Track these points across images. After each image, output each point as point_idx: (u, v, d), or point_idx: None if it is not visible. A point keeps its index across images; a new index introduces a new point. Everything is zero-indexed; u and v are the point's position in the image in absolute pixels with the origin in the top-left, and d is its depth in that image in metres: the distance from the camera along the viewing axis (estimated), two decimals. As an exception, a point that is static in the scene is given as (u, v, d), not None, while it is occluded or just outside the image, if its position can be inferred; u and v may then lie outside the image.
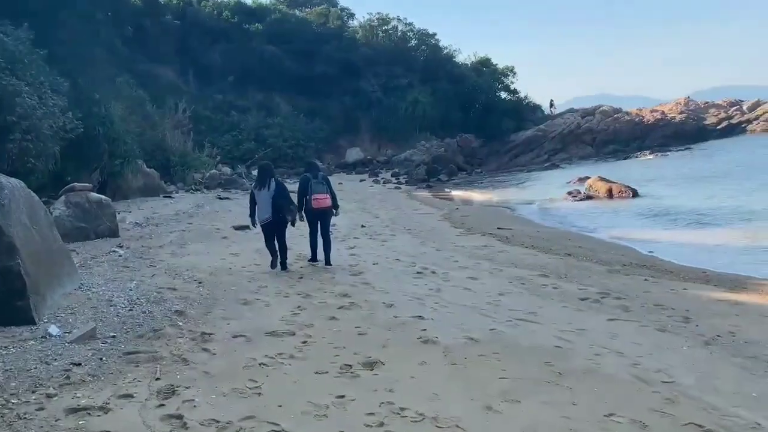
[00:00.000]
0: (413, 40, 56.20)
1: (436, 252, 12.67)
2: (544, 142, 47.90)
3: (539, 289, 8.96)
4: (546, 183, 30.87)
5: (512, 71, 57.51)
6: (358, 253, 12.35)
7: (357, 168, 44.51)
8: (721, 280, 9.43)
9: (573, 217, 18.98)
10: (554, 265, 10.87)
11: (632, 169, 31.45)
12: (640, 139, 48.14)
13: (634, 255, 12.17)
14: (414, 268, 10.74)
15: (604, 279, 9.64)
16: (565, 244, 13.60)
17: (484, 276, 9.95)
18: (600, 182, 23.23)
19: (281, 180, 11.62)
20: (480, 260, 11.57)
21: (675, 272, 10.18)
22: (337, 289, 8.98)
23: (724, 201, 18.97)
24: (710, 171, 27.53)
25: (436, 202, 25.77)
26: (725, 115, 53.28)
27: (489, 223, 18.42)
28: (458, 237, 15.17)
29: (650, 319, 7.09)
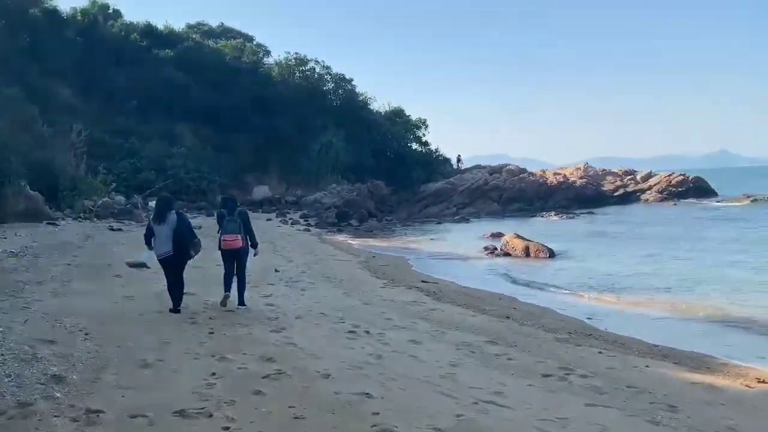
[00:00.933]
0: (330, 83, 55.70)
1: (365, 306, 11.40)
2: (453, 195, 48.10)
3: (493, 359, 7.87)
4: (459, 236, 30.43)
5: (424, 123, 58.18)
6: (277, 303, 10.86)
7: (264, 206, 42.61)
8: (678, 357, 8.75)
9: (494, 274, 18.30)
10: (497, 330, 9.88)
11: (541, 228, 31.67)
12: (543, 200, 49.39)
13: (574, 321, 11.42)
14: (344, 326, 9.41)
15: (557, 350, 8.72)
16: (498, 305, 12.74)
17: (426, 340, 8.76)
18: (517, 240, 22.91)
19: (182, 213, 10.48)
20: (415, 319, 10.40)
21: (626, 345, 9.44)
22: (258, 349, 7.47)
23: (640, 267, 18.96)
24: (620, 235, 28.06)
25: (350, 248, 24.55)
26: (621, 183, 56.07)
27: (410, 274, 17.42)
28: (383, 289, 13.99)
29: (634, 406, 6.13)
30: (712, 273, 16.98)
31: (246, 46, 57.14)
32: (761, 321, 11.30)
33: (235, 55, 54.37)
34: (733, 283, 15.25)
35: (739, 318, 11.64)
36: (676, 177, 55.76)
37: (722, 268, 17.68)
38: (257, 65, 55.44)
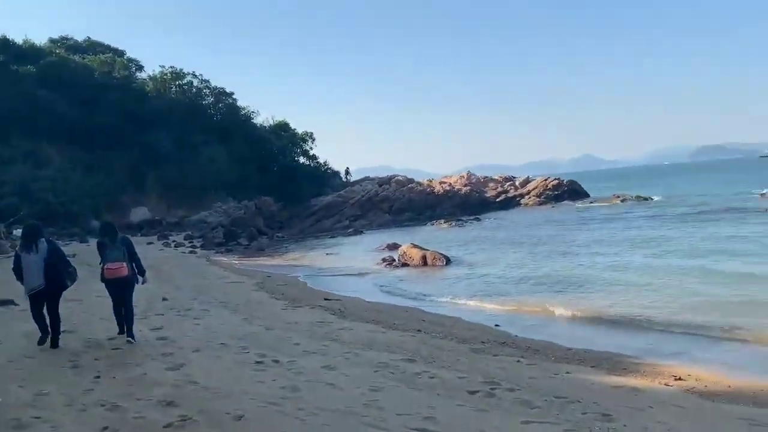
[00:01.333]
0: (210, 97, 53.75)
1: (268, 332, 10.62)
2: (344, 207, 47.78)
3: (414, 379, 7.43)
4: (354, 249, 30.06)
5: (311, 137, 57.61)
6: (169, 336, 9.85)
7: (143, 229, 40.15)
8: (593, 360, 8.76)
9: (396, 286, 18.01)
10: (412, 346, 9.48)
11: (433, 237, 31.97)
12: (432, 208, 50.21)
13: (484, 329, 11.29)
14: (249, 356, 8.63)
15: (477, 362, 8.44)
16: (407, 318, 12.40)
17: (341, 364, 8.17)
18: (414, 249, 22.84)
19: (53, 240, 9.74)
20: (325, 341, 9.78)
21: (540, 351, 9.36)
22: (156, 392, 6.58)
23: (531, 270, 19.38)
24: (508, 240, 28.83)
25: (242, 269, 23.44)
26: (502, 189, 58.23)
27: (311, 293, 16.74)
28: (285, 311, 13.23)
29: (568, 419, 5.89)
30: (599, 273, 17.56)
31: (116, 60, 53.95)
32: (652, 319, 11.62)
33: (105, 70, 51.15)
34: (618, 282, 15.77)
35: (629, 316, 11.92)
36: (552, 181, 58.71)
37: (607, 269, 18.39)
38: (129, 80, 52.50)
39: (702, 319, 10.94)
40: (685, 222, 30.13)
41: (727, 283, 14.07)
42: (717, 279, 14.77)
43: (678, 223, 30.14)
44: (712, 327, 10.44)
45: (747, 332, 10.00)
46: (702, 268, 16.38)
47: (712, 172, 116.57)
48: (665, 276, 15.65)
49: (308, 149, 57.52)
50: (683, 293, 13.38)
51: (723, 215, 31.50)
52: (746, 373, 7.87)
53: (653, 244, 22.54)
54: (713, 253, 18.97)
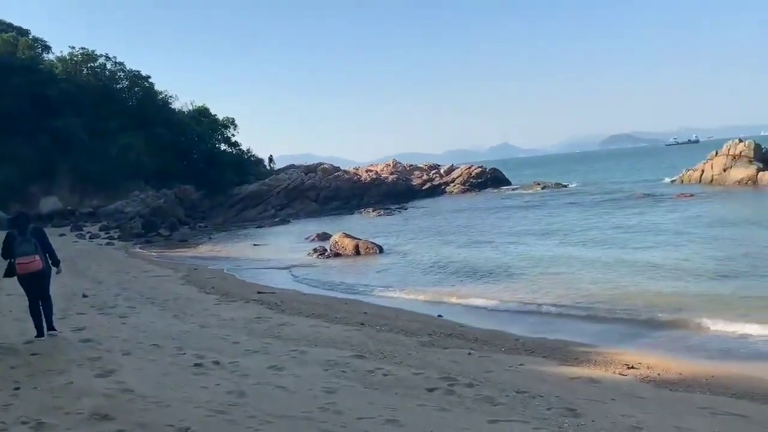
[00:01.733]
0: (124, 80, 51.10)
1: (203, 330, 9.99)
2: (269, 196, 46.71)
3: (368, 378, 7.08)
4: (283, 239, 29.34)
5: (233, 123, 55.93)
6: (95, 338, 9.08)
7: (54, 220, 37.89)
8: (543, 349, 8.68)
9: (332, 277, 17.58)
10: (359, 340, 9.12)
11: (362, 226, 31.69)
12: (359, 197, 49.93)
13: (428, 321, 11.07)
14: (186, 357, 8.03)
15: (428, 356, 8.18)
16: (348, 311, 12.02)
17: (288, 364, 7.71)
18: (346, 239, 22.44)
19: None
20: (266, 339, 9.28)
21: (489, 341, 9.21)
22: (86, 404, 5.93)
23: (462, 257, 19.38)
24: (437, 227, 28.91)
25: (166, 262, 22.35)
26: (427, 177, 58.67)
27: (243, 286, 16.08)
28: (218, 306, 12.56)
29: (534, 415, 5.70)
30: (528, 262, 17.68)
31: (20, 40, 50.36)
32: (589, 307, 11.70)
33: (8, 50, 47.63)
34: (548, 270, 15.90)
35: (565, 305, 11.98)
36: (476, 169, 59.65)
37: (536, 257, 18.64)
38: (36, 61, 49.14)
39: (635, 307, 11.09)
40: (604, 209, 31.16)
41: (647, 270, 14.43)
42: (638, 266, 15.08)
43: (597, 209, 31.17)
44: (647, 314, 10.60)
45: (678, 318, 10.22)
46: (623, 256, 16.79)
47: (622, 160, 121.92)
48: (590, 264, 15.93)
49: (230, 136, 55.92)
50: (610, 281, 13.58)
51: (638, 201, 32.80)
52: (691, 358, 8.00)
53: (576, 232, 23.09)
54: (632, 241, 19.56)
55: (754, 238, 17.86)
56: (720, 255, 15.49)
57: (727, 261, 14.55)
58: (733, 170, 38.33)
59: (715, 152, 41.39)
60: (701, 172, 41.35)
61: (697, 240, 18.45)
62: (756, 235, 18.57)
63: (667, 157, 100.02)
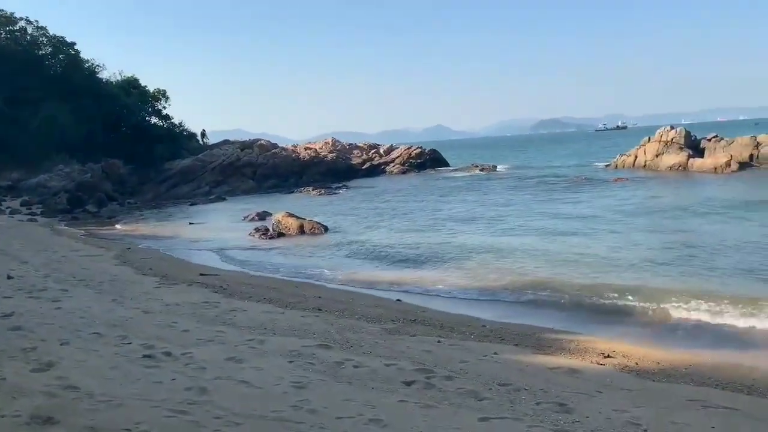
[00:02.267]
0: (47, 47, 47.87)
1: (147, 316, 9.22)
2: (203, 173, 45.06)
3: (339, 370, 6.59)
4: (221, 217, 28.25)
5: (164, 95, 53.52)
6: (26, 325, 8.19)
7: (-32, 194, 35.20)
8: (513, 336, 8.39)
9: (277, 258, 16.92)
10: (319, 328, 8.60)
11: (303, 205, 30.90)
12: (297, 175, 48.91)
13: (387, 306, 10.63)
14: (132, 347, 7.32)
15: (397, 345, 7.76)
16: (300, 295, 11.45)
17: (247, 355, 7.12)
18: (290, 218, 21.72)
19: None
20: (218, 326, 8.62)
21: (456, 328, 8.87)
22: (25, 405, 5.20)
23: (410, 238, 19.09)
24: (381, 207, 28.52)
25: (96, 240, 21.03)
26: (367, 156, 58.09)
27: (183, 267, 15.20)
28: (159, 290, 11.73)
29: (528, 412, 5.38)
30: (477, 244, 17.54)
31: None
32: (544, 290, 11.57)
33: None
34: (498, 252, 15.79)
35: (520, 288, 11.83)
36: (415, 150, 59.51)
37: (486, 239, 18.56)
38: (-54, 23, 45.44)
39: (594, 293, 10.99)
40: (545, 192, 31.54)
41: (599, 257, 14.46)
42: (588, 253, 15.07)
43: (538, 193, 31.51)
44: (607, 300, 10.52)
45: (639, 305, 10.15)
46: (571, 242, 16.84)
47: (554, 144, 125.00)
48: (541, 250, 15.79)
49: (161, 108, 53.55)
50: (564, 267, 13.46)
51: (578, 185, 33.39)
52: (663, 346, 7.89)
53: (522, 217, 23.14)
54: (579, 227, 19.71)
55: (693, 226, 18.28)
56: (664, 241, 15.74)
57: (671, 247, 14.75)
58: (665, 156, 39.60)
59: (647, 138, 42.63)
60: (635, 158, 42.54)
61: (642, 226, 18.76)
62: (693, 222, 19.00)
63: (597, 143, 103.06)
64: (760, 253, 13.25)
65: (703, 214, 19.91)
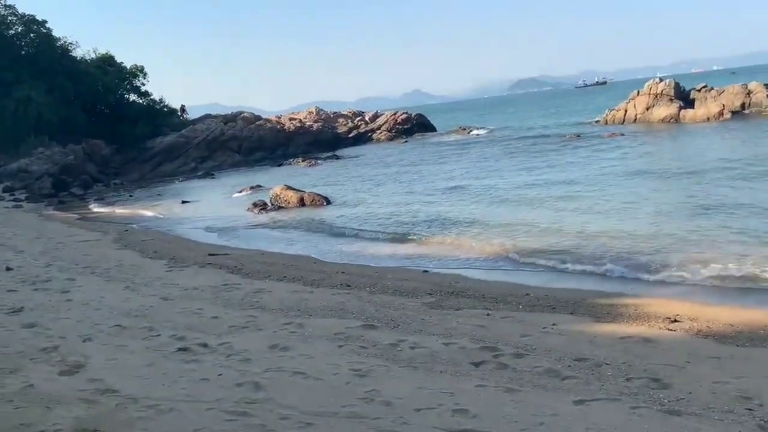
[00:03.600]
0: (17, 26, 45.89)
1: (168, 303, 8.63)
2: (188, 149, 43.92)
3: (396, 353, 6.08)
4: (214, 194, 27.40)
5: (142, 71, 51.77)
6: (40, 322, 7.59)
7: (-55, 182, 33.93)
8: (563, 304, 7.86)
9: (282, 233, 16.32)
10: (356, 306, 8.07)
11: (297, 177, 30.11)
12: (284, 146, 47.93)
13: (417, 277, 10.07)
14: (163, 340, 6.77)
15: (445, 321, 7.25)
16: (322, 271, 10.88)
17: (291, 341, 6.58)
18: (289, 191, 21.03)
19: None
20: (248, 310, 8.07)
21: (498, 298, 8.35)
22: (63, 415, 4.65)
23: (416, 206, 18.53)
24: (378, 175, 27.83)
25: (89, 224, 20.21)
26: (353, 124, 57.08)
27: (189, 247, 14.54)
28: (171, 273, 11.13)
29: (621, 390, 4.92)
30: (486, 207, 17.07)
31: None
32: (575, 251, 11.10)
33: None
34: (516, 215, 15.29)
35: (548, 250, 11.35)
36: (401, 115, 58.53)
37: (492, 202, 18.07)
38: None
39: (627, 252, 10.56)
40: (543, 150, 30.95)
41: (619, 213, 14.06)
42: (608, 210, 14.65)
43: (537, 152, 30.93)
44: (643, 259, 10.08)
45: (676, 261, 9.74)
46: (590, 199, 16.41)
47: (536, 103, 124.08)
48: (562, 209, 15.36)
49: (139, 85, 51.83)
50: (586, 226, 13.02)
51: (574, 142, 32.87)
52: (724, 305, 7.42)
53: (531, 176, 22.64)
54: (590, 183, 19.27)
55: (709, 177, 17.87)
56: (685, 195, 15.29)
57: (697, 200, 14.33)
58: (656, 109, 39.21)
59: (636, 92, 42.16)
60: (624, 112, 42.10)
61: (652, 180, 18.33)
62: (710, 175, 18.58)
63: (580, 99, 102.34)
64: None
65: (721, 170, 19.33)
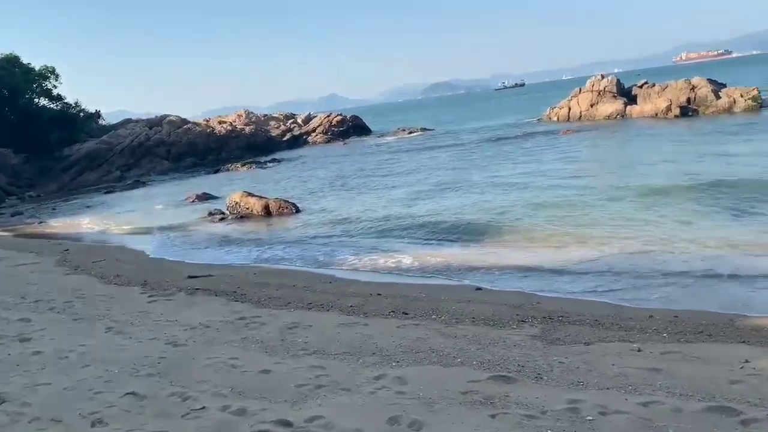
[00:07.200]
0: None
1: (180, 351, 6.47)
2: (111, 156, 40.16)
3: (582, 426, 4.23)
4: (152, 204, 24.37)
5: (53, 73, 47.17)
6: (10, 395, 5.27)
7: None
8: (714, 329, 6.26)
9: (257, 246, 14.05)
10: (450, 346, 6.12)
11: (241, 182, 27.62)
12: (216, 151, 44.84)
13: (476, 297, 8.25)
14: (211, 415, 4.66)
15: (592, 364, 5.45)
16: (349, 293, 8.86)
17: (411, 408, 4.62)
18: (251, 198, 18.68)
19: None
20: (303, 357, 6.01)
21: (616, 324, 6.63)
22: None
23: (396, 209, 16.75)
24: (331, 179, 25.75)
25: (20, 243, 17.12)
26: (286, 127, 54.55)
27: (157, 269, 12.10)
28: (155, 304, 8.82)
29: None
30: (485, 210, 15.46)
31: None
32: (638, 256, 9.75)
33: None
34: (506, 220, 13.84)
35: (604, 255, 9.96)
36: (336, 117, 56.51)
37: (485, 204, 16.58)
38: None
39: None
40: (515, 150, 29.72)
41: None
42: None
43: (506, 150, 29.79)
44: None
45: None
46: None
47: (455, 105, 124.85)
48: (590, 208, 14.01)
49: (51, 88, 47.23)
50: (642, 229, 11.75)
51: (533, 140, 31.96)
52: None
53: (508, 173, 21.36)
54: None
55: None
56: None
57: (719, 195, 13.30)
58: (601, 105, 39.14)
59: (578, 89, 42.10)
60: (568, 109, 41.92)
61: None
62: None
63: (503, 101, 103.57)
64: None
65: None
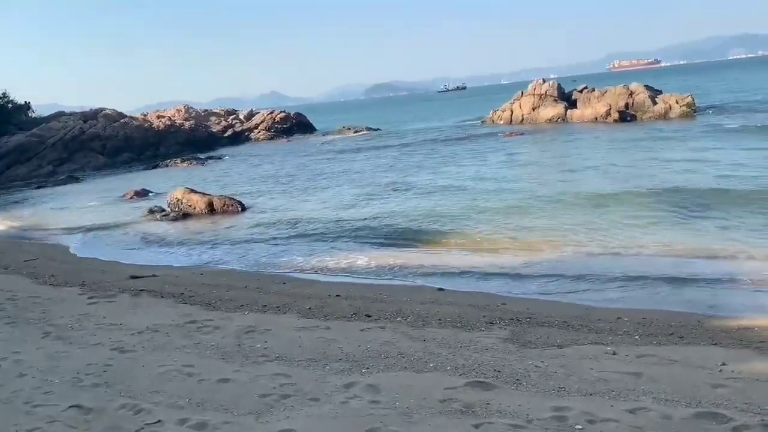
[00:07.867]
0: None
1: (128, 358, 6.00)
2: (42, 150, 38.14)
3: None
4: (88, 200, 23.18)
5: (-23, 60, 44.61)
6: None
7: None
8: (685, 331, 6.20)
9: (204, 246, 13.45)
10: (420, 349, 5.87)
11: (182, 178, 26.57)
12: (154, 147, 43.30)
13: (439, 297, 8.03)
14: (169, 429, 4.21)
15: (570, 368, 5.27)
16: (305, 295, 8.48)
17: (389, 420, 4.32)
18: (194, 195, 17.96)
19: None
20: (264, 364, 5.64)
21: (584, 326, 6.52)
22: None
23: (350, 210, 16.42)
24: (276, 177, 25.14)
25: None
26: (227, 123, 53.29)
27: (95, 268, 11.41)
28: (95, 306, 8.25)
29: None
30: (439, 208, 15.28)
31: None
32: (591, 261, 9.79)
33: None
34: (468, 218, 13.74)
35: (563, 257, 9.96)
36: (279, 114, 55.67)
37: (436, 204, 16.44)
38: None
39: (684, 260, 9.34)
40: (468, 150, 29.63)
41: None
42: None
43: (447, 151, 29.79)
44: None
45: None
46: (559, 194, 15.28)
47: (402, 106, 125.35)
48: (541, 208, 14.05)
49: (-26, 77, 44.70)
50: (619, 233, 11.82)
51: (478, 142, 32.13)
52: None
53: (449, 174, 21.30)
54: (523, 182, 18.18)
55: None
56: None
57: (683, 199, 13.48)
58: (543, 109, 39.83)
59: (521, 93, 42.72)
60: (510, 112, 42.47)
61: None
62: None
63: (448, 103, 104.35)
64: None
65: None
